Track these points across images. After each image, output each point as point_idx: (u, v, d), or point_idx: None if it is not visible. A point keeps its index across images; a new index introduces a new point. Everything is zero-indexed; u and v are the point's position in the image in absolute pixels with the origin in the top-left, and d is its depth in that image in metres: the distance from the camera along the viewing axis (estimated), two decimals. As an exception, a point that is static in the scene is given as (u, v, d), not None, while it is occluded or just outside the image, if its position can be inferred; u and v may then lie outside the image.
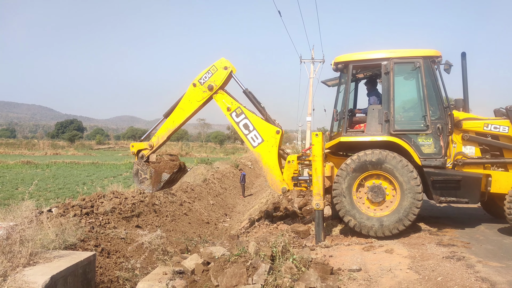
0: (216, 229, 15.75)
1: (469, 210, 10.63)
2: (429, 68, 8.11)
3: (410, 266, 6.15)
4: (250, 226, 12.23)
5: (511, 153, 8.28)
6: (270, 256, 5.72)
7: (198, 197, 18.68)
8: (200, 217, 16.31)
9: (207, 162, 30.16)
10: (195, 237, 12.31)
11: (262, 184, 28.37)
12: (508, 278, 5.43)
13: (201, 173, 23.04)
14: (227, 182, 25.89)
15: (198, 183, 20.68)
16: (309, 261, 5.87)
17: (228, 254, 5.70)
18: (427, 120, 7.97)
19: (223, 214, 19.01)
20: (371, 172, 7.94)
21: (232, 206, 21.47)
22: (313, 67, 29.74)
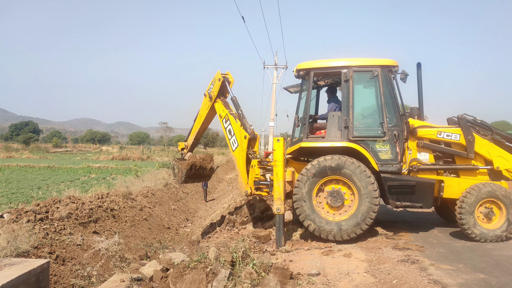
0: (177, 234, 15.55)
1: (423, 215, 11.03)
2: (387, 77, 8.37)
3: (367, 269, 6.30)
4: (212, 231, 12.17)
5: (462, 159, 8.67)
6: (231, 261, 5.71)
7: (159, 202, 18.36)
8: (160, 222, 16.04)
9: (169, 166, 29.75)
10: (155, 243, 12.09)
11: (224, 188, 28.29)
12: (458, 280, 5.66)
13: (162, 177, 22.67)
14: (189, 187, 25.58)
15: (160, 188, 20.34)
16: (269, 266, 5.90)
17: (188, 260, 5.65)
18: (384, 127, 8.21)
19: (185, 219, 18.79)
20: (330, 177, 8.09)
21: (194, 211, 21.26)
22: (276, 73, 30.05)
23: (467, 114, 8.73)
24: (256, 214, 11.31)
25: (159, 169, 27.67)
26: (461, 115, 8.69)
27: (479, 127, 8.75)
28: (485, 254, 7.05)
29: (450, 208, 9.06)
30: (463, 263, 6.49)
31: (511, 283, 5.57)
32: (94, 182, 25.11)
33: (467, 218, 7.83)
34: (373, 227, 8.90)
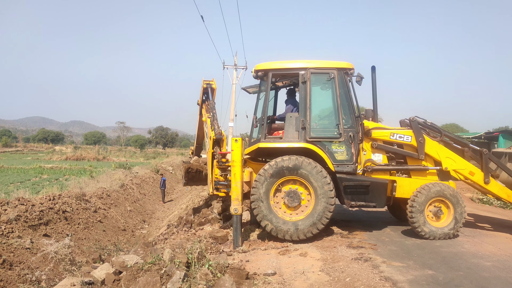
0: (133, 236, 15.21)
1: (377, 214, 11.35)
2: (343, 79, 8.55)
3: (322, 268, 6.40)
4: (169, 232, 11.99)
5: (413, 160, 8.99)
6: (186, 263, 5.64)
7: (114, 204, 17.89)
8: (116, 224, 15.63)
9: (126, 167, 29.09)
10: (109, 245, 11.77)
11: (183, 189, 27.97)
12: (408, 276, 5.87)
13: (118, 178, 22.13)
14: (146, 188, 25.13)
15: (115, 189, 19.84)
16: (225, 266, 5.88)
17: (142, 262, 5.53)
18: (340, 129, 8.37)
19: (141, 220, 18.42)
20: (288, 177, 8.16)
21: (151, 212, 20.88)
22: (235, 73, 30.04)
23: (418, 116, 9.07)
24: (214, 214, 11.24)
25: (116, 170, 26.99)
26: (412, 118, 9.02)
27: (429, 129, 9.12)
28: (434, 251, 7.34)
29: (402, 207, 9.38)
30: (413, 260, 6.73)
31: (456, 279, 5.82)
32: (46, 183, 24.17)
33: (417, 217, 8.12)
34: (329, 227, 9.07)
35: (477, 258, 6.93)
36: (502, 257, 7.05)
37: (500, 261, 6.78)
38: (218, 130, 9.71)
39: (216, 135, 9.51)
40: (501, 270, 6.28)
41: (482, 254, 7.17)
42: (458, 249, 7.48)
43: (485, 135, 33.38)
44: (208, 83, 10.25)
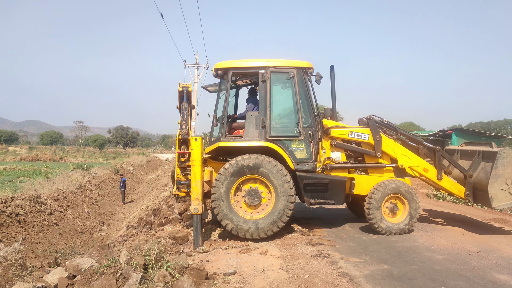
0: (91, 239, 14.79)
1: (336, 211, 11.57)
2: (302, 78, 8.64)
3: (282, 266, 6.45)
4: (128, 234, 11.74)
5: (371, 158, 9.21)
6: (143, 265, 5.53)
7: (71, 205, 17.33)
8: (73, 226, 15.15)
9: (84, 167, 28.24)
10: (66, 249, 11.39)
11: (144, 190, 27.48)
12: (365, 272, 6.01)
13: (76, 179, 21.43)
14: (105, 189, 24.49)
15: (72, 190, 19.20)
16: (184, 267, 5.80)
17: (97, 265, 5.37)
18: (300, 127, 8.46)
19: (100, 222, 17.94)
20: (248, 176, 8.16)
21: (111, 213, 20.38)
22: (197, 72, 29.81)
23: (375, 115, 9.31)
24: (175, 215, 11.10)
25: (73, 171, 26.13)
26: (370, 116, 9.24)
27: (386, 127, 9.37)
28: (390, 246, 7.56)
29: (360, 204, 9.58)
30: (370, 255, 6.90)
31: (410, 272, 6.02)
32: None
33: (374, 213, 8.34)
34: (290, 224, 9.15)
35: (430, 251, 7.19)
36: (454, 250, 7.34)
37: (452, 254, 7.07)
38: (185, 130, 9.62)
39: (182, 135, 9.40)
40: (452, 262, 6.54)
41: (435, 248, 7.44)
42: (412, 244, 7.73)
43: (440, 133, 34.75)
44: (184, 86, 10.19)
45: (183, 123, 9.58)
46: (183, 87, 10.09)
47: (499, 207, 8.65)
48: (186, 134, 9.19)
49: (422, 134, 34.93)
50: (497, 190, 8.51)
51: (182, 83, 10.19)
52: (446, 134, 34.18)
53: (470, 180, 9.11)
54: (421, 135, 33.22)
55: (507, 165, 8.51)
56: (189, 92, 10.08)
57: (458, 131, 34.36)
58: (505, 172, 8.49)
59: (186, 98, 9.87)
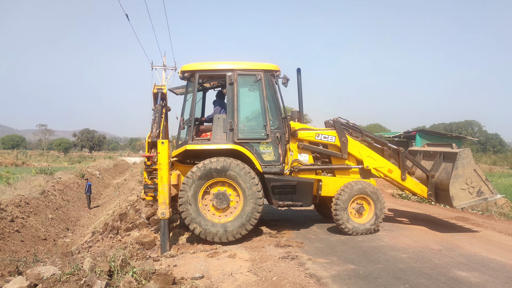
0: (55, 245, 14.33)
1: (304, 212, 11.68)
2: (269, 81, 8.68)
3: (250, 268, 6.45)
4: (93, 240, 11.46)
5: (337, 160, 9.35)
6: (108, 271, 5.41)
7: (34, 212, 16.75)
8: (36, 233, 14.64)
9: (47, 172, 27.38)
10: (28, 257, 11.01)
11: (110, 194, 26.90)
12: (332, 272, 6.09)
13: (39, 184, 20.74)
14: (70, 194, 23.80)
15: (35, 196, 18.57)
16: (151, 273, 5.72)
17: (59, 273, 5.22)
18: (267, 130, 8.49)
19: (65, 228, 17.42)
20: (216, 179, 8.12)
21: (76, 219, 19.82)
22: (164, 74, 29.47)
23: (341, 117, 9.46)
24: (142, 219, 10.91)
25: (36, 176, 25.29)
26: (336, 118, 9.38)
27: (352, 129, 9.54)
28: (356, 246, 7.69)
29: (327, 205, 9.70)
30: (337, 256, 7.00)
31: (375, 271, 6.14)
32: (-45, 192, 22.04)
33: (341, 214, 8.47)
34: (258, 227, 9.17)
35: (394, 250, 7.36)
36: (417, 248, 7.54)
37: (415, 252, 7.26)
38: (155, 133, 9.44)
39: (151, 138, 9.23)
40: (416, 261, 6.72)
41: (399, 247, 7.63)
42: (378, 243, 7.89)
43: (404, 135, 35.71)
44: (159, 88, 10.02)
45: (154, 126, 9.42)
46: (157, 89, 9.90)
47: (460, 206, 8.95)
48: (156, 137, 9.04)
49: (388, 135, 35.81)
50: (457, 189, 8.80)
51: (157, 85, 10.00)
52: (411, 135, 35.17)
53: (433, 180, 9.38)
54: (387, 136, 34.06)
55: (467, 166, 8.82)
56: (164, 94, 9.92)
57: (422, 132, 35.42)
58: (465, 172, 8.80)
59: (161, 100, 9.71)
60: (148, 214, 10.91)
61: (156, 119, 9.62)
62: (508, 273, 6.14)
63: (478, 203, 9.81)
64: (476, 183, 8.84)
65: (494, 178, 23.21)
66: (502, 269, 6.37)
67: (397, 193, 16.45)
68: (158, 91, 9.85)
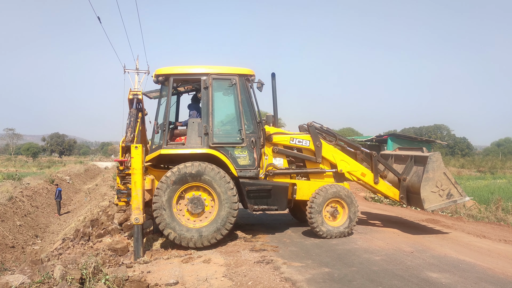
0: (23, 253, 13.91)
1: (279, 216, 11.71)
2: (244, 85, 8.69)
3: (225, 273, 6.41)
4: (64, 247, 11.16)
5: (312, 164, 9.43)
6: (80, 279, 5.28)
7: (1, 218, 16.21)
8: (3, 241, 14.18)
9: (15, 177, 26.57)
10: (-6, 265, 10.63)
11: (81, 200, 26.30)
12: (306, 276, 6.12)
13: (6, 190, 20.09)
14: (39, 200, 23.15)
15: (2, 202, 17.98)
16: (124, 280, 5.63)
17: (29, 282, 5.06)
18: (242, 134, 8.49)
19: (34, 235, 16.92)
20: (191, 184, 8.06)
21: (45, 226, 19.28)
22: (137, 78, 29.11)
23: (315, 121, 9.55)
24: (115, 225, 10.70)
25: (3, 181, 24.51)
26: (310, 123, 9.47)
27: (325, 133, 9.65)
28: (330, 249, 7.76)
29: (302, 209, 9.76)
30: (312, 259, 7.04)
31: (350, 274, 6.21)
32: None
33: (316, 217, 8.53)
34: (233, 231, 9.14)
35: (368, 253, 7.46)
36: (390, 251, 7.67)
37: (388, 254, 7.38)
38: (129, 137, 9.28)
39: (125, 142, 9.06)
40: (389, 263, 6.83)
41: (373, 249, 7.74)
42: (352, 246, 7.99)
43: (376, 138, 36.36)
44: (134, 94, 9.85)
45: (128, 130, 9.26)
46: (133, 95, 9.74)
47: (431, 208, 9.16)
48: (130, 142, 8.90)
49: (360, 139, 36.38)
50: (428, 192, 9.01)
51: (132, 91, 9.85)
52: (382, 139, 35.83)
53: (404, 183, 9.57)
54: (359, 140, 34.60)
55: (437, 169, 9.04)
56: (140, 99, 9.80)
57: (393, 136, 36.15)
58: (435, 175, 9.02)
59: (136, 105, 9.57)
60: (121, 220, 10.71)
61: (131, 123, 9.46)
62: (477, 274, 6.31)
63: (448, 205, 10.05)
64: (446, 186, 9.08)
65: (462, 181, 23.89)
66: (472, 269, 6.54)
67: (369, 196, 16.71)
68: (134, 96, 9.71)
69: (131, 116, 9.62)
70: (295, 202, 9.34)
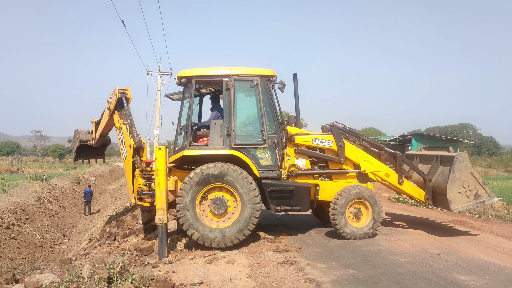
0: (51, 252, 14.24)
1: (302, 217, 11.66)
2: (266, 86, 8.70)
3: (249, 274, 6.43)
4: (91, 246, 11.39)
5: (335, 164, 9.36)
6: (107, 278, 5.38)
7: (30, 218, 16.63)
8: (32, 240, 14.54)
9: (43, 178, 27.23)
10: (24, 264, 10.92)
11: (106, 200, 26.78)
12: (331, 277, 6.07)
13: (34, 191, 20.61)
14: (66, 200, 23.68)
15: (31, 203, 18.46)
16: (150, 279, 5.71)
17: (58, 280, 5.19)
18: (264, 135, 8.49)
19: (61, 235, 17.31)
20: (213, 185, 8.11)
21: (72, 225, 19.70)
22: (160, 80, 29.47)
23: (338, 122, 9.48)
24: (140, 225, 10.86)
25: (31, 182, 25.15)
26: (332, 123, 9.40)
27: (348, 133, 9.56)
28: (355, 250, 7.68)
29: (325, 210, 9.71)
30: (336, 261, 6.99)
31: (375, 276, 6.13)
32: (-51, 199, 21.85)
33: (339, 219, 8.46)
34: (256, 232, 9.15)
35: (393, 255, 7.35)
36: (416, 252, 7.54)
37: (414, 256, 7.26)
38: (137, 138, 9.38)
39: (136, 143, 9.19)
40: (415, 265, 6.71)
41: (398, 251, 7.62)
42: (376, 248, 7.89)
43: (400, 138, 35.79)
44: (122, 92, 9.95)
45: (133, 130, 9.39)
46: (121, 93, 9.85)
47: (458, 209, 8.97)
48: (140, 143, 9.04)
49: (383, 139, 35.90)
50: (455, 193, 8.82)
51: (120, 89, 9.93)
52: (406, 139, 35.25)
53: (430, 184, 9.40)
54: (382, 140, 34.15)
55: (464, 169, 8.85)
56: (127, 98, 9.92)
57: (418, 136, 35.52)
58: (462, 176, 8.82)
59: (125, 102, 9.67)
60: (146, 220, 10.87)
61: (132, 122, 9.57)
62: (507, 276, 6.15)
63: (476, 206, 9.82)
64: (473, 187, 8.87)
65: (489, 181, 23.32)
66: (501, 272, 6.38)
67: (393, 197, 16.47)
68: (122, 95, 9.81)
69: (128, 116, 9.72)
70: (318, 202, 9.29)
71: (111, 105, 10.32)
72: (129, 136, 9.37)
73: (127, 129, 9.61)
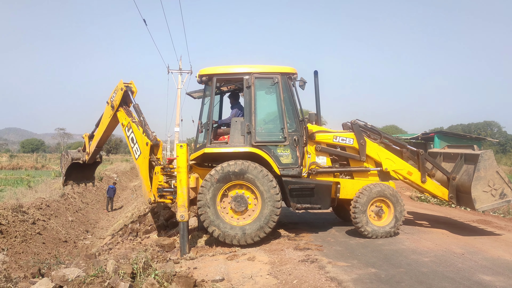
0: (75, 247, 14.54)
1: (323, 215, 11.61)
2: (286, 83, 8.68)
3: (270, 271, 6.44)
4: (113, 242, 11.60)
5: (356, 162, 9.28)
6: (131, 273, 5.47)
7: (54, 214, 17.03)
8: (57, 235, 14.88)
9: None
10: (49, 258, 11.18)
11: (128, 197, 27.17)
12: (353, 276, 6.04)
13: (58, 187, 21.07)
14: (89, 196, 24.13)
15: (56, 199, 18.88)
16: (172, 275, 5.77)
17: (84, 275, 5.30)
18: (285, 132, 8.48)
19: (84, 231, 17.67)
20: (234, 182, 8.14)
21: (95, 221, 20.08)
22: (180, 78, 29.71)
23: (359, 119, 9.40)
24: (161, 222, 11.01)
25: (56, 178, 25.69)
26: (354, 121, 9.32)
27: (370, 131, 9.46)
28: (376, 249, 7.61)
29: (346, 208, 9.64)
30: (357, 259, 6.94)
31: (397, 275, 6.07)
32: (-22, 195, 22.54)
33: (360, 217, 8.39)
34: (276, 230, 9.16)
35: (416, 254, 7.26)
36: (439, 252, 7.43)
37: (437, 256, 7.15)
38: (153, 136, 9.42)
39: (152, 141, 9.26)
40: (438, 265, 6.62)
41: (421, 250, 7.52)
42: (398, 247, 7.80)
43: (422, 136, 35.22)
44: (127, 86, 9.90)
45: (147, 128, 9.44)
46: (126, 87, 9.83)
47: (482, 208, 8.79)
48: (156, 140, 9.11)
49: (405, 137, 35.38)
50: (479, 192, 8.65)
51: (125, 83, 9.87)
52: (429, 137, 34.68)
53: (453, 182, 9.24)
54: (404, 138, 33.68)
55: (489, 168, 8.66)
56: (132, 91, 9.89)
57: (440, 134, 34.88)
58: (487, 174, 8.65)
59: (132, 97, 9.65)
60: (167, 217, 11.01)
61: (144, 120, 9.60)
62: (534, 278, 6.01)
63: (501, 206, 9.62)
64: (498, 185, 8.68)
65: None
66: (528, 273, 6.23)
67: (415, 195, 16.24)
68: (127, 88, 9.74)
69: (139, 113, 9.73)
70: (339, 201, 9.23)
71: (116, 101, 10.02)
72: (143, 134, 9.33)
73: (138, 127, 9.56)
